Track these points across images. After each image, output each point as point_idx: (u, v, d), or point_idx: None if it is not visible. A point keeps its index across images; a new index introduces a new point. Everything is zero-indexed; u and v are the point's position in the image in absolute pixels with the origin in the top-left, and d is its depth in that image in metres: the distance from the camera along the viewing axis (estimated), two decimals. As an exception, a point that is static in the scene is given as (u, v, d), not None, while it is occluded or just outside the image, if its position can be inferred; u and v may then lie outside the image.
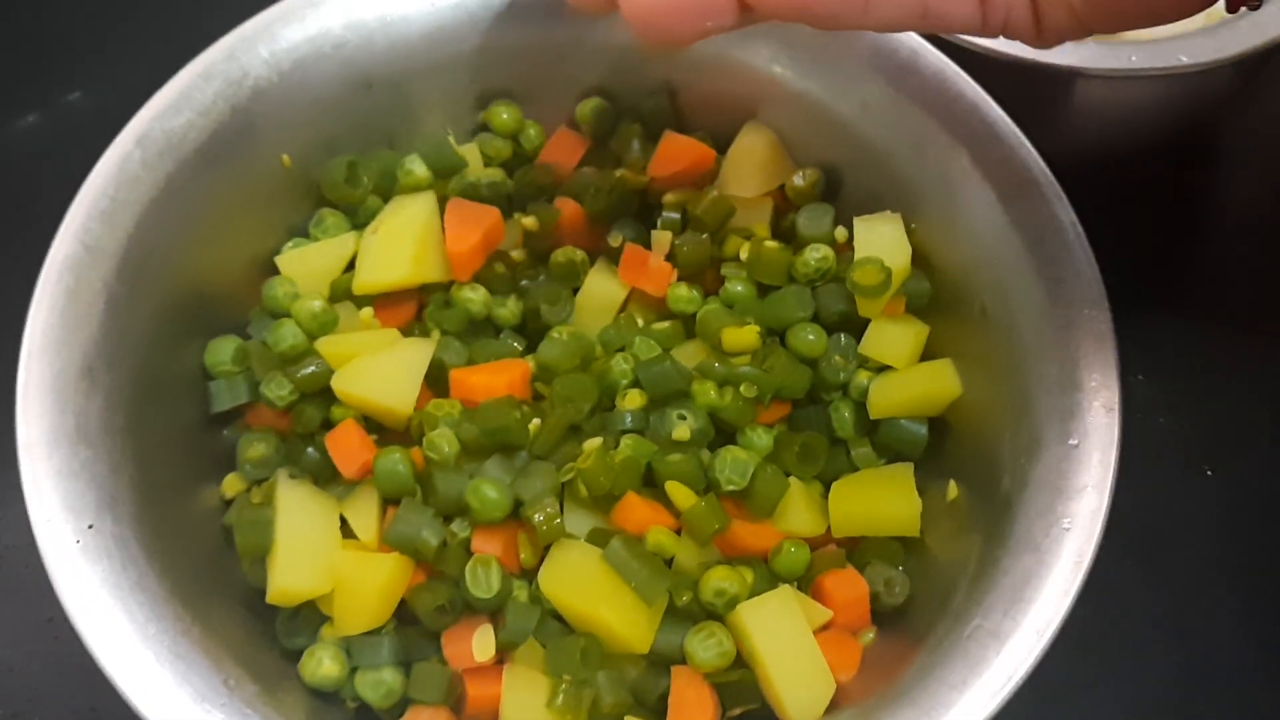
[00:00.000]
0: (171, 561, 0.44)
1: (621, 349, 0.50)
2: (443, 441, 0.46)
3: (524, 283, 0.52)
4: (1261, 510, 0.53)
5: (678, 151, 0.53)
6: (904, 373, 0.49)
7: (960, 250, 0.49)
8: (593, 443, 0.47)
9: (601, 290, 0.52)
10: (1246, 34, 0.55)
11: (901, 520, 0.47)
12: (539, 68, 0.54)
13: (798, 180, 0.53)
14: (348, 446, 0.47)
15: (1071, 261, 0.46)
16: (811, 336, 0.50)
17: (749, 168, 0.53)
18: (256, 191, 0.51)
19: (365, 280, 0.50)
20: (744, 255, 0.51)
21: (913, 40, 0.51)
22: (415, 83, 0.53)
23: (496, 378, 0.48)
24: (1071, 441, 0.43)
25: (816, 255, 0.50)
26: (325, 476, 0.48)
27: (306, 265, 0.51)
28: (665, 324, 0.51)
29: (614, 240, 0.52)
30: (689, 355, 0.50)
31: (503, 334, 0.52)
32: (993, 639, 0.41)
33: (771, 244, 0.51)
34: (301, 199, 0.52)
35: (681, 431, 0.47)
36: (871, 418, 0.49)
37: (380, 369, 0.48)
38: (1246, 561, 0.52)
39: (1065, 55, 0.54)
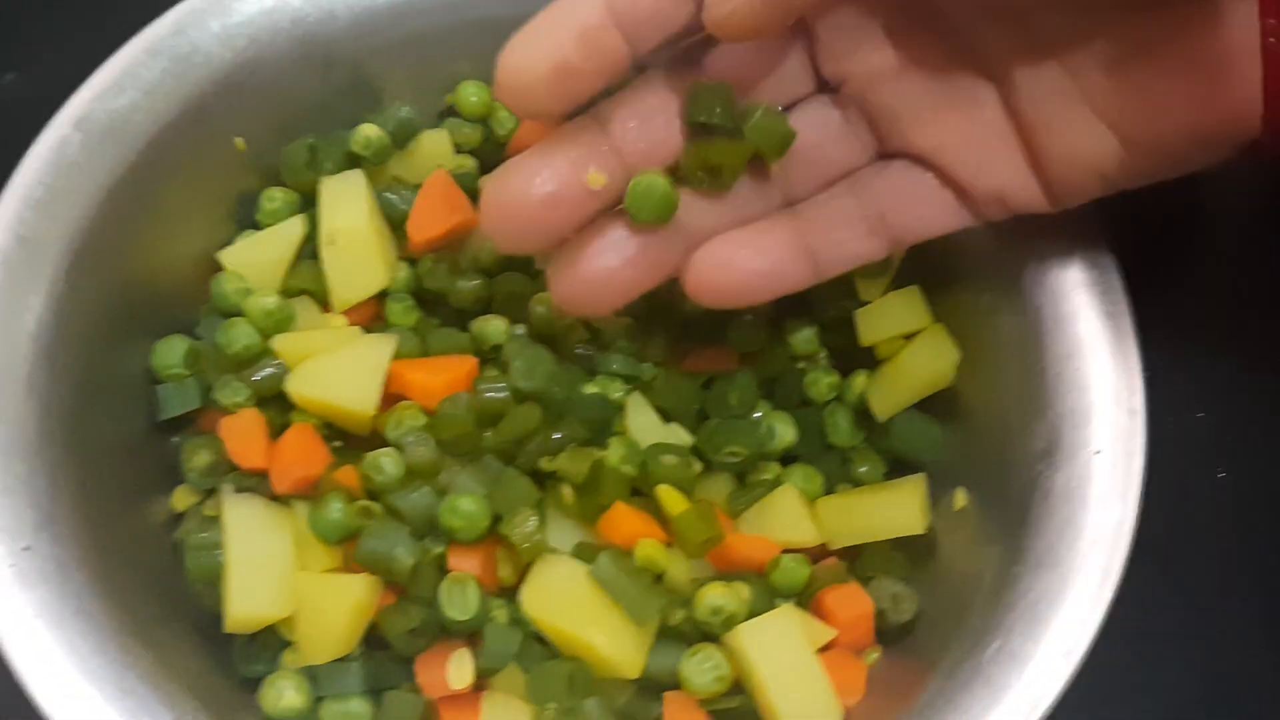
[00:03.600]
0: (117, 585, 0.40)
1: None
2: (387, 461, 0.42)
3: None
4: (1278, 513, 0.51)
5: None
6: (897, 358, 0.46)
7: (965, 240, 0.46)
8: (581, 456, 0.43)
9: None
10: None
11: (902, 519, 0.44)
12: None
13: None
14: (287, 458, 0.43)
15: (1088, 250, 0.43)
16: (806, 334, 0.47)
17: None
18: (208, 178, 0.47)
19: (344, 298, 0.47)
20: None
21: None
22: (379, 62, 0.50)
23: (435, 376, 0.45)
24: (1093, 447, 0.40)
25: None
26: (285, 488, 0.44)
27: (254, 257, 0.47)
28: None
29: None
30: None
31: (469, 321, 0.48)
32: (1015, 662, 0.38)
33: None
34: (257, 185, 0.49)
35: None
36: (880, 420, 0.46)
37: (337, 368, 0.44)
38: (1264, 566, 0.50)
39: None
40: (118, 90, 0.44)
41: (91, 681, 0.37)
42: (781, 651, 0.41)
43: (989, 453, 0.44)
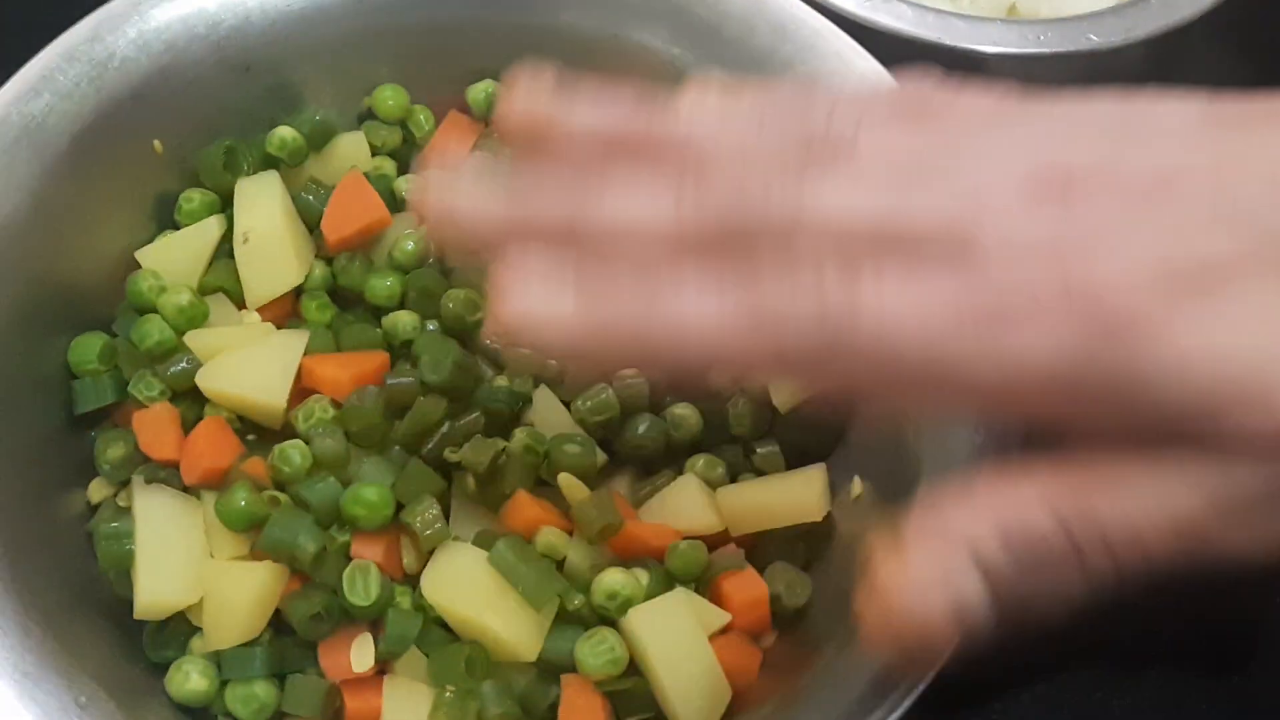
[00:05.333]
0: (28, 573, 0.41)
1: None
2: (295, 453, 0.44)
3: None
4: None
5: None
6: None
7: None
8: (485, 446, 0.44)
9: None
10: (1157, 13, 0.54)
11: (802, 505, 0.45)
12: (426, 50, 0.51)
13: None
14: (197, 450, 0.44)
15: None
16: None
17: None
18: (126, 180, 0.49)
19: (257, 295, 0.48)
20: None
21: (814, 19, 0.49)
22: (296, 66, 0.51)
23: (345, 370, 0.46)
24: (976, 435, 0.42)
25: None
26: (195, 479, 0.45)
27: (170, 255, 0.48)
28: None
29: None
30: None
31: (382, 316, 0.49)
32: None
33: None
34: (176, 187, 0.50)
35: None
36: (781, 411, 0.47)
37: (249, 363, 0.45)
38: (1208, 608, 0.51)
39: (974, 37, 0.53)
40: (34, 94, 0.46)
41: (-10, 663, 0.38)
42: (672, 634, 0.42)
43: (883, 442, 0.45)
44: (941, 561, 0.30)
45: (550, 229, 0.33)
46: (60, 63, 0.46)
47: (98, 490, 0.46)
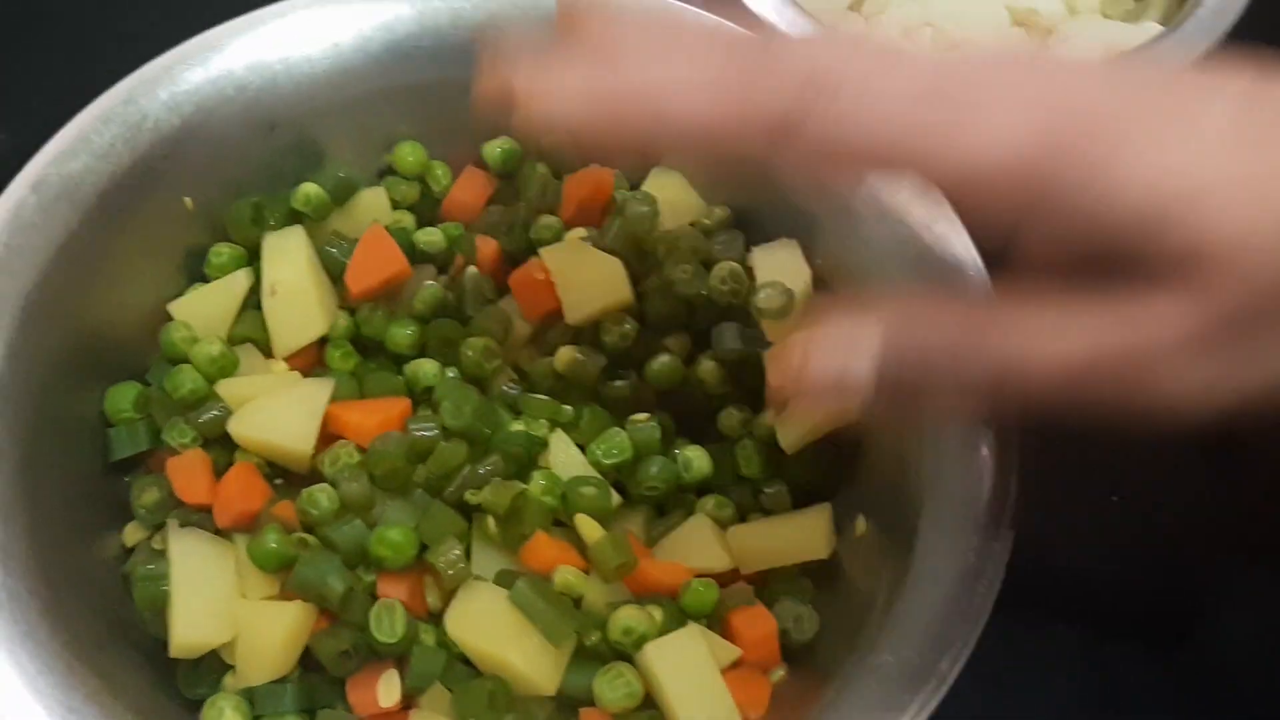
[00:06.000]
0: (67, 612, 0.43)
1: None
2: (322, 497, 0.45)
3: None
4: (1165, 536, 0.54)
5: (579, 185, 0.53)
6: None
7: (864, 282, 0.49)
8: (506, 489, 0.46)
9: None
10: (1171, 51, 0.56)
11: (809, 544, 0.47)
12: (443, 108, 0.53)
13: (707, 220, 0.53)
14: (229, 494, 0.46)
15: (970, 293, 0.46)
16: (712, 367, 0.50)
17: (660, 207, 0.53)
18: (158, 235, 0.50)
19: (285, 345, 0.50)
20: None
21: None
22: (320, 125, 0.53)
23: (369, 417, 0.48)
24: (974, 474, 0.44)
25: (726, 270, 0.50)
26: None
27: (201, 307, 0.50)
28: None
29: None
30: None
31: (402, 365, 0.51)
32: (899, 674, 0.41)
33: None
34: (205, 241, 0.52)
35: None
36: (788, 454, 0.49)
37: (277, 410, 0.47)
38: (1154, 588, 0.53)
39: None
40: (71, 155, 0.48)
41: (39, 700, 0.40)
42: (686, 668, 0.44)
43: (885, 482, 0.47)
44: (843, 335, 0.36)
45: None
46: (96, 125, 0.48)
47: (132, 534, 0.48)
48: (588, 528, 0.46)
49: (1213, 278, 0.31)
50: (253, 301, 0.51)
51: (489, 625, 0.44)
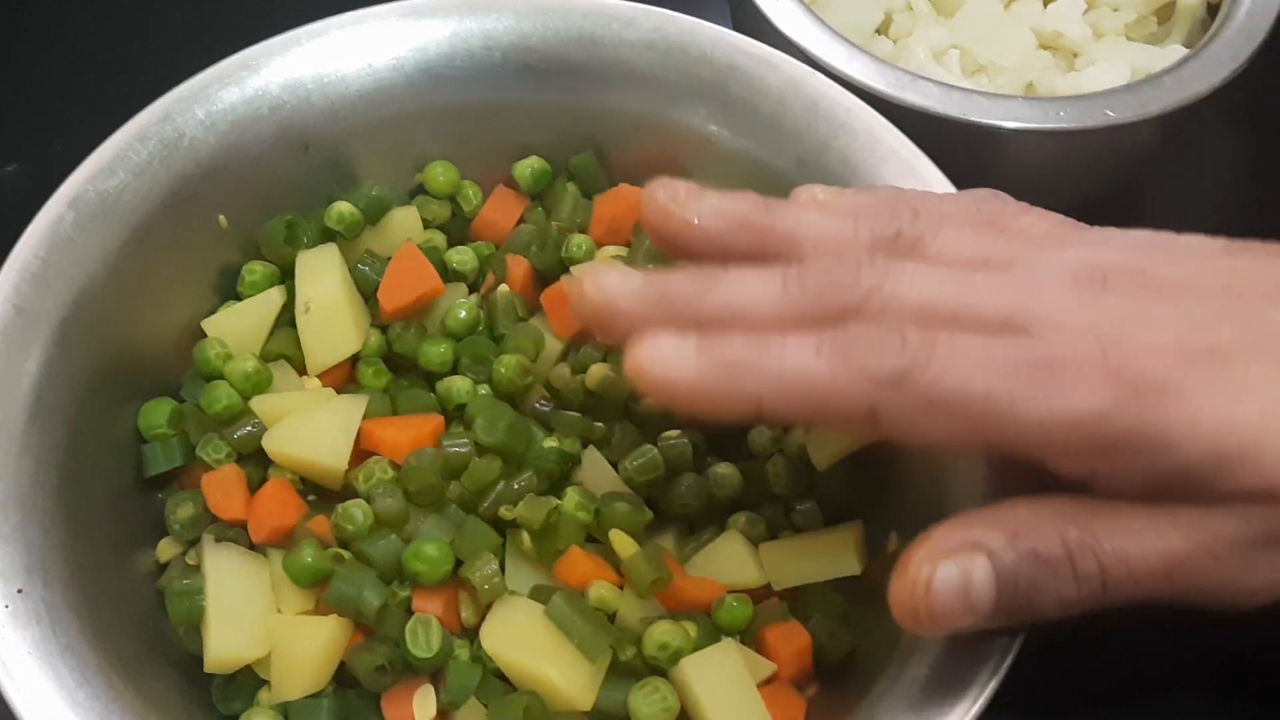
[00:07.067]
0: (104, 626, 0.43)
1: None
2: (357, 512, 0.46)
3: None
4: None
5: (609, 204, 0.54)
6: None
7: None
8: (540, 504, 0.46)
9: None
10: (1170, 90, 0.56)
11: (841, 561, 0.47)
12: (475, 129, 0.54)
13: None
14: (264, 509, 0.46)
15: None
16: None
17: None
18: (193, 253, 0.51)
19: (318, 362, 0.50)
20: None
21: (845, 98, 0.51)
22: (353, 144, 0.53)
23: (403, 433, 0.48)
24: (1009, 487, 0.43)
25: None
26: (262, 537, 0.47)
27: (235, 324, 0.50)
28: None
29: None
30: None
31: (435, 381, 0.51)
32: (935, 689, 0.41)
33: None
34: (239, 259, 0.52)
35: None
36: (819, 470, 0.49)
37: (311, 427, 0.47)
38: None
39: (996, 113, 0.55)
40: (109, 172, 0.48)
41: (78, 713, 0.40)
42: (723, 683, 0.44)
43: (918, 499, 0.47)
44: (957, 544, 0.37)
45: (677, 305, 0.39)
46: (133, 142, 0.49)
47: (166, 549, 0.48)
48: (622, 543, 0.46)
49: (1270, 506, 0.36)
50: (286, 319, 0.51)
51: (524, 640, 0.44)
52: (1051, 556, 0.37)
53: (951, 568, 0.37)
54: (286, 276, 0.52)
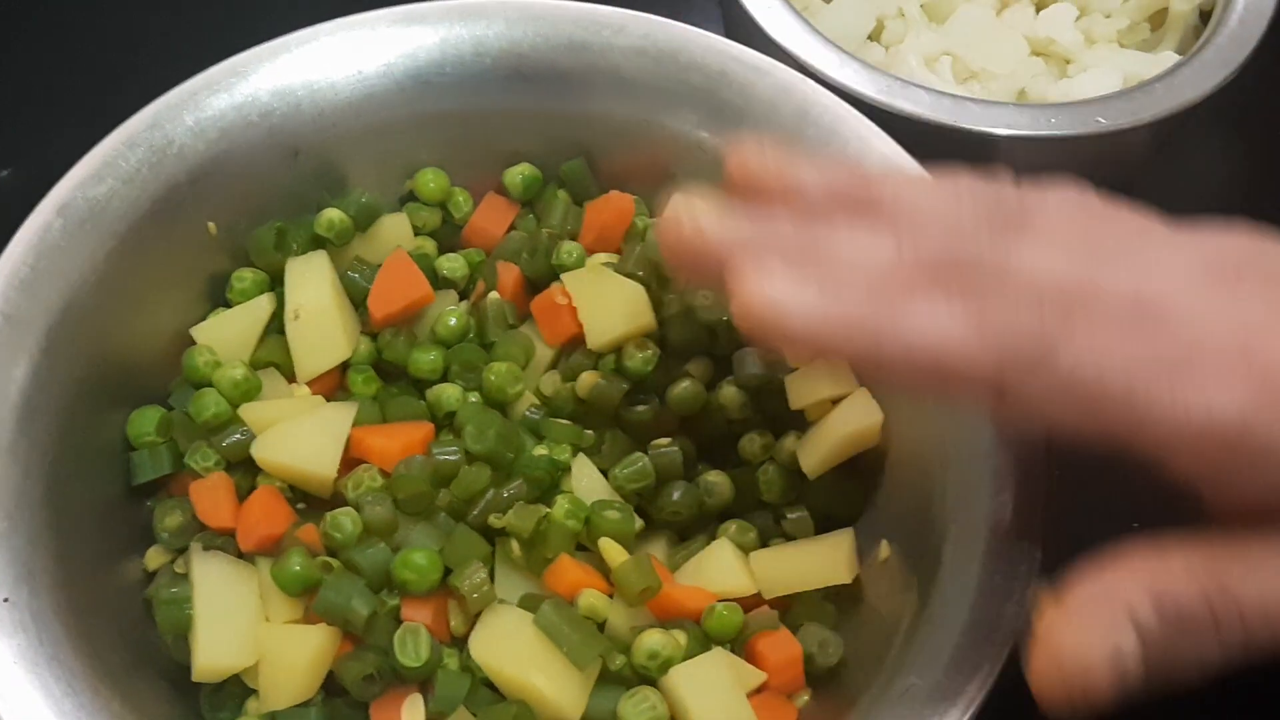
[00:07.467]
0: (91, 635, 0.43)
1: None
2: (346, 520, 0.45)
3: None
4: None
5: (599, 211, 0.54)
6: (825, 420, 0.49)
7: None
8: (529, 512, 0.46)
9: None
10: (1162, 97, 0.56)
11: (832, 569, 0.47)
12: (465, 135, 0.54)
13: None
14: (252, 518, 0.46)
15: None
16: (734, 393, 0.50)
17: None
18: (182, 260, 0.51)
19: (307, 369, 0.50)
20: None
21: (837, 105, 0.51)
22: (343, 151, 0.53)
23: (392, 441, 0.48)
24: (1002, 495, 0.44)
25: None
26: (250, 545, 0.47)
27: (223, 331, 0.50)
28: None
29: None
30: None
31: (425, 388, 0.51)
32: (925, 698, 0.41)
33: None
34: (228, 266, 0.52)
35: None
36: (810, 478, 0.49)
37: (300, 434, 0.47)
38: None
39: (988, 120, 0.55)
40: (97, 179, 0.48)
41: (64, 721, 0.39)
42: (712, 692, 0.44)
43: (908, 507, 0.47)
44: (1104, 617, 0.33)
45: (787, 249, 0.36)
46: (122, 149, 0.49)
47: (154, 558, 0.48)
48: (612, 551, 0.46)
49: None
50: (275, 326, 0.51)
51: (513, 649, 0.44)
52: (1196, 619, 0.33)
53: (1103, 645, 0.33)
54: (276, 284, 0.52)
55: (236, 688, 0.45)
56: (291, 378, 0.51)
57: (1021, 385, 0.34)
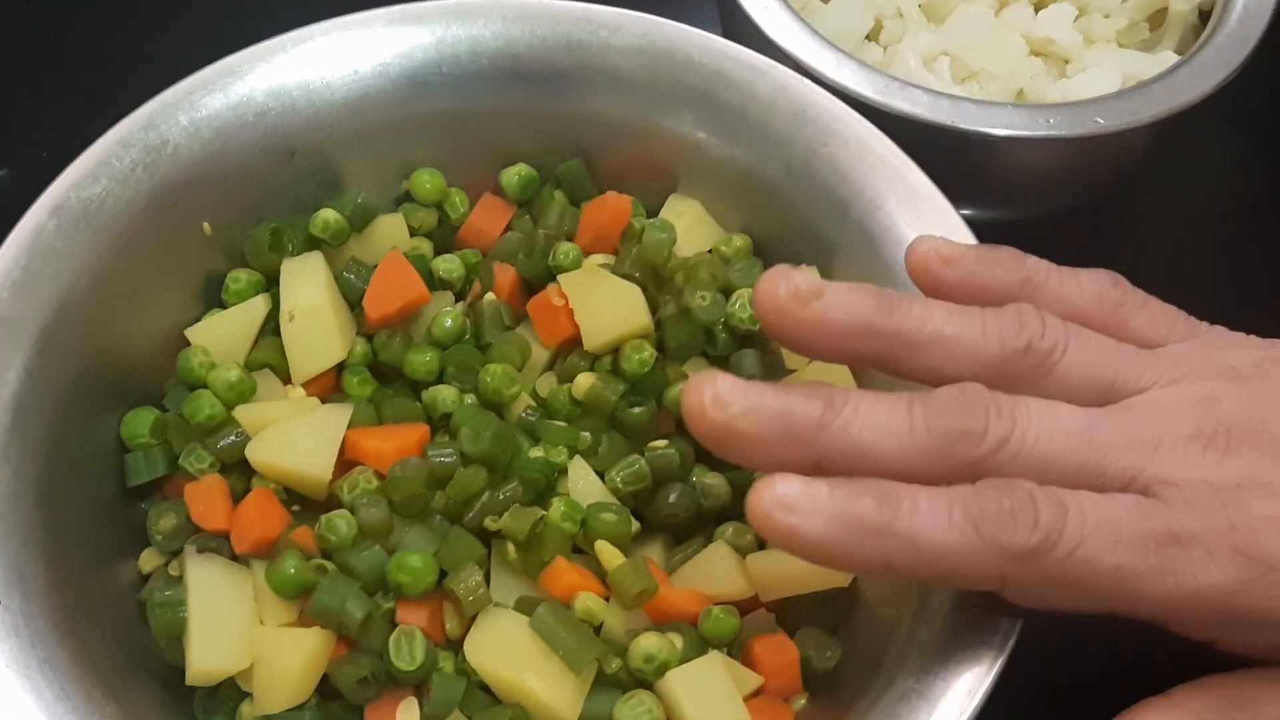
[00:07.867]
0: (84, 639, 0.43)
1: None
2: (341, 522, 0.45)
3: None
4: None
5: (596, 212, 0.53)
6: None
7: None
8: (526, 514, 0.46)
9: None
10: (1161, 97, 0.56)
11: (828, 572, 0.47)
12: (462, 136, 0.54)
13: (725, 247, 0.53)
14: (247, 520, 0.46)
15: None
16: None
17: (678, 234, 0.53)
18: (176, 260, 0.50)
19: (302, 371, 0.50)
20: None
21: (834, 105, 0.51)
22: (338, 150, 0.53)
23: (387, 443, 0.47)
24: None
25: (745, 297, 0.50)
26: (244, 548, 0.47)
27: (218, 333, 0.50)
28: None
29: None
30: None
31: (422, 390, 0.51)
32: (923, 701, 0.40)
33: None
34: (223, 267, 0.52)
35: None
36: None
37: (295, 436, 0.47)
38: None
39: (986, 120, 0.55)
40: (92, 180, 0.48)
41: (56, 726, 0.39)
42: (709, 696, 0.43)
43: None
44: None
45: (801, 434, 0.38)
46: (116, 149, 0.49)
47: (148, 560, 0.48)
48: (608, 554, 0.46)
49: None
50: (270, 327, 0.51)
51: (509, 652, 0.44)
52: None
53: None
54: (271, 284, 0.52)
55: (231, 691, 0.45)
56: (287, 379, 0.50)
57: (1019, 579, 0.37)
